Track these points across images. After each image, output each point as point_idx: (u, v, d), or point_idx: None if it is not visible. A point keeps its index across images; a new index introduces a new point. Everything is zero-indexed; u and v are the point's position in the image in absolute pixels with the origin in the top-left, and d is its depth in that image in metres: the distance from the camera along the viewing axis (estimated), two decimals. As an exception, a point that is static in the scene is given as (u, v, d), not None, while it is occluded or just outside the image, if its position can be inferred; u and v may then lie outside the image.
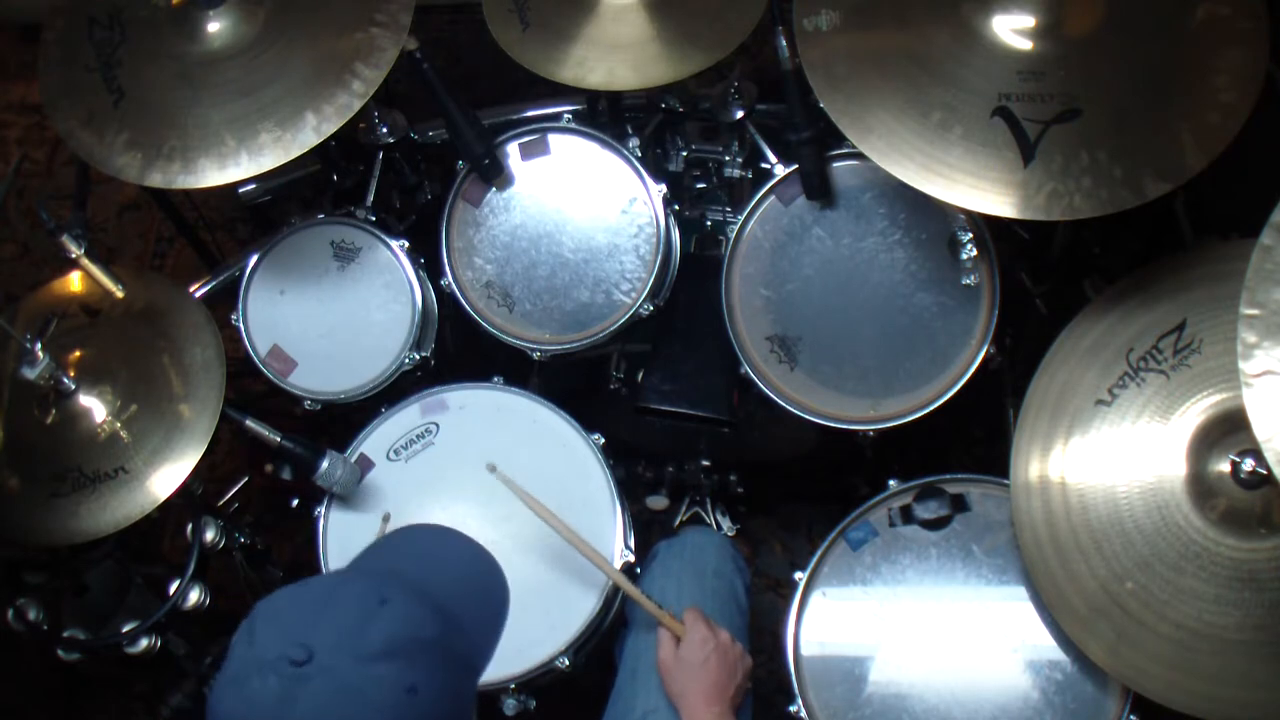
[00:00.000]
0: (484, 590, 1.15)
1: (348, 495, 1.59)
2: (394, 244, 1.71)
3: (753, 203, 1.62)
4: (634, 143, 1.70)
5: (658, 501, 2.04)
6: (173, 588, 1.57)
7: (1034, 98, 1.32)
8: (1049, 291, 1.77)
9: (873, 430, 1.57)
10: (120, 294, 1.60)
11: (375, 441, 1.64)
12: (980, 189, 1.31)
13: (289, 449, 1.53)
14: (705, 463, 1.99)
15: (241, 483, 1.98)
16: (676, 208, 1.74)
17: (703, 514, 2.08)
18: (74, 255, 1.56)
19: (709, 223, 1.88)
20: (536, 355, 1.67)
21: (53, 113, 1.56)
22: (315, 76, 1.51)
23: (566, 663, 1.49)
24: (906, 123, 1.35)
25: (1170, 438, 1.32)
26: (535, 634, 1.50)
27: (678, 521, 2.07)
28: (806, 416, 1.58)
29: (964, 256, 1.52)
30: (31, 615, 1.55)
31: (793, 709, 1.45)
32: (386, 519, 1.57)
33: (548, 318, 1.68)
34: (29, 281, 2.22)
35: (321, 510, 1.60)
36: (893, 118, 1.36)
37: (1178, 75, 1.31)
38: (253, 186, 1.93)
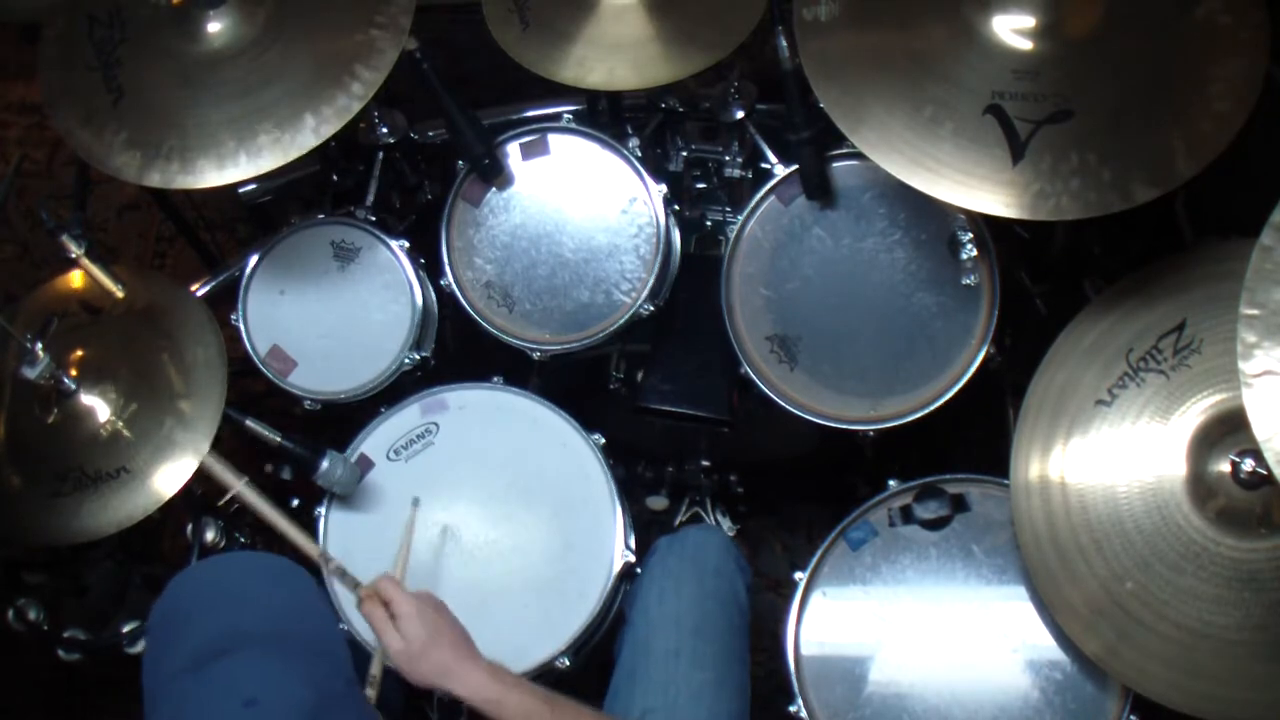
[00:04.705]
0: (294, 589, 1.18)
1: (348, 495, 1.60)
2: (394, 244, 1.71)
3: (753, 203, 1.62)
4: (634, 143, 1.70)
5: (658, 501, 2.04)
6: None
7: (1027, 97, 1.32)
8: (1049, 291, 1.77)
9: (873, 430, 1.57)
10: (120, 294, 1.60)
11: (375, 441, 1.64)
12: (968, 185, 1.31)
13: (289, 449, 1.53)
14: (705, 463, 1.99)
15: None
16: (676, 208, 1.74)
17: (703, 514, 2.08)
18: (74, 255, 1.56)
19: (709, 223, 1.88)
20: (536, 355, 1.67)
21: (53, 112, 1.55)
22: (315, 78, 1.50)
23: (567, 663, 1.49)
24: (898, 116, 1.35)
25: (1170, 438, 1.32)
26: (535, 634, 1.51)
27: (678, 521, 2.07)
28: (806, 416, 1.58)
29: (964, 256, 1.52)
30: (31, 615, 1.55)
31: (793, 709, 1.45)
32: (416, 504, 1.56)
33: (548, 318, 1.68)
34: (29, 281, 2.22)
35: (321, 510, 1.60)
36: (885, 111, 1.36)
37: (1174, 81, 1.31)
38: (253, 187, 1.93)
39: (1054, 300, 1.75)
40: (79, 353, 1.56)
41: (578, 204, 1.70)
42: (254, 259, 1.72)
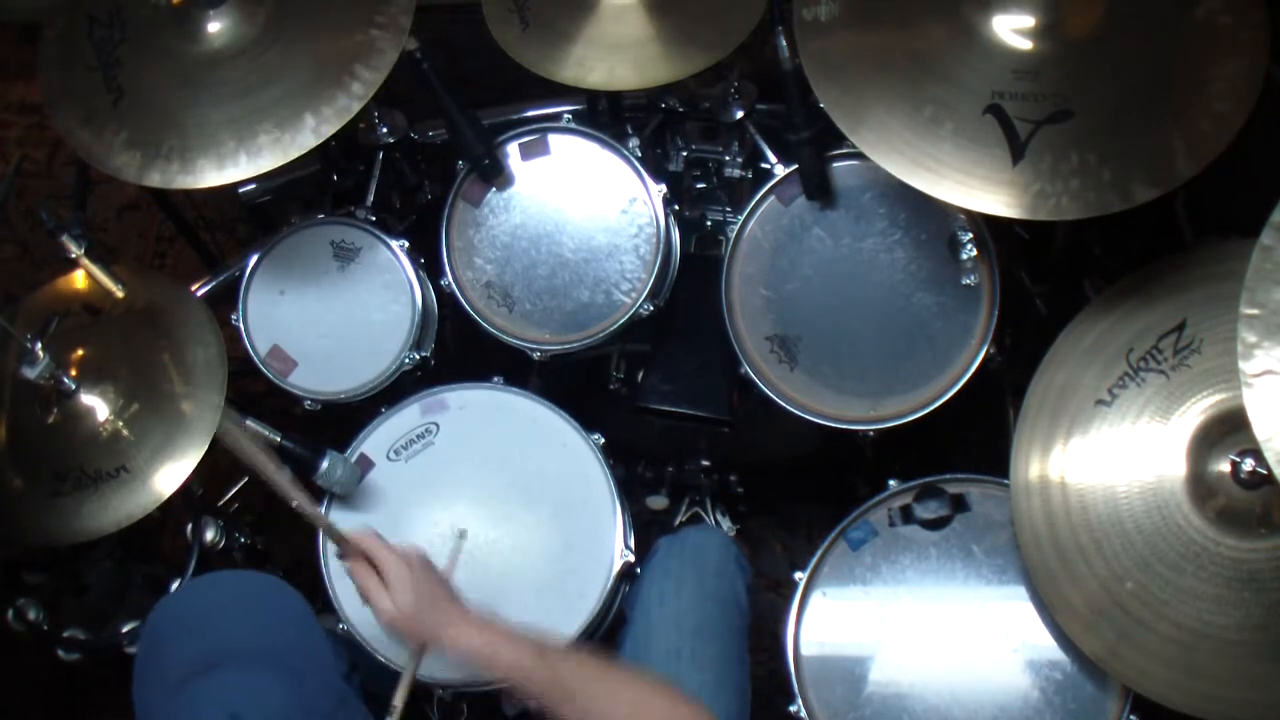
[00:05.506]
0: (278, 604, 1.18)
1: (348, 495, 1.59)
2: (394, 244, 1.71)
3: (753, 203, 1.62)
4: (634, 143, 1.70)
5: (658, 501, 2.04)
6: (173, 588, 1.57)
7: (1027, 97, 1.32)
8: (1049, 291, 1.77)
9: (873, 430, 1.57)
10: (120, 294, 1.60)
11: (375, 441, 1.64)
12: (968, 185, 1.32)
13: (289, 449, 1.53)
14: (705, 463, 1.99)
15: (241, 483, 1.98)
16: (676, 208, 1.74)
17: (703, 514, 2.08)
18: (74, 255, 1.56)
19: (709, 223, 1.88)
20: (536, 355, 1.67)
21: (53, 112, 1.55)
22: (315, 78, 1.51)
23: (566, 662, 1.49)
24: (898, 116, 1.36)
25: (1170, 438, 1.32)
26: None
27: (678, 521, 2.07)
28: (806, 416, 1.58)
29: (964, 256, 1.52)
30: (31, 615, 1.55)
31: (793, 709, 1.45)
32: (463, 535, 1.56)
33: (548, 318, 1.68)
34: (29, 281, 2.22)
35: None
36: (885, 111, 1.36)
37: (1174, 81, 1.31)
38: (253, 186, 1.93)
39: (1054, 300, 1.75)
40: (79, 353, 1.56)
41: (578, 204, 1.70)
42: (254, 259, 1.72)
